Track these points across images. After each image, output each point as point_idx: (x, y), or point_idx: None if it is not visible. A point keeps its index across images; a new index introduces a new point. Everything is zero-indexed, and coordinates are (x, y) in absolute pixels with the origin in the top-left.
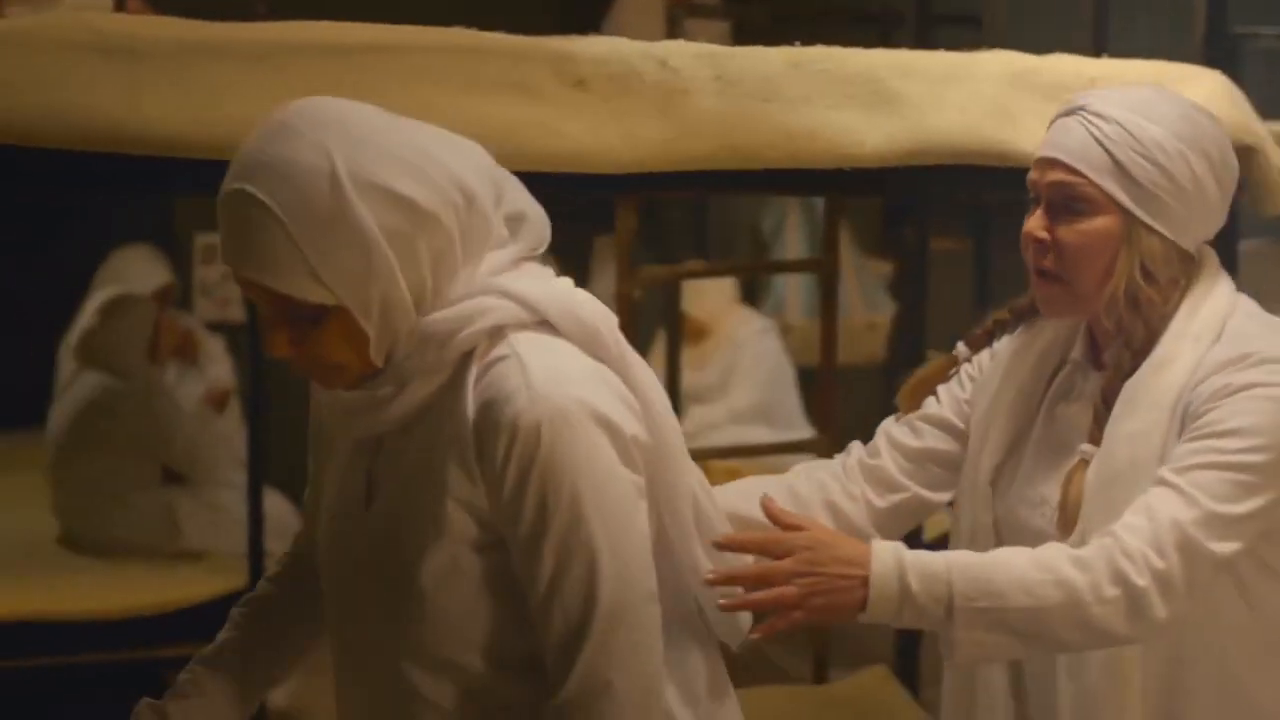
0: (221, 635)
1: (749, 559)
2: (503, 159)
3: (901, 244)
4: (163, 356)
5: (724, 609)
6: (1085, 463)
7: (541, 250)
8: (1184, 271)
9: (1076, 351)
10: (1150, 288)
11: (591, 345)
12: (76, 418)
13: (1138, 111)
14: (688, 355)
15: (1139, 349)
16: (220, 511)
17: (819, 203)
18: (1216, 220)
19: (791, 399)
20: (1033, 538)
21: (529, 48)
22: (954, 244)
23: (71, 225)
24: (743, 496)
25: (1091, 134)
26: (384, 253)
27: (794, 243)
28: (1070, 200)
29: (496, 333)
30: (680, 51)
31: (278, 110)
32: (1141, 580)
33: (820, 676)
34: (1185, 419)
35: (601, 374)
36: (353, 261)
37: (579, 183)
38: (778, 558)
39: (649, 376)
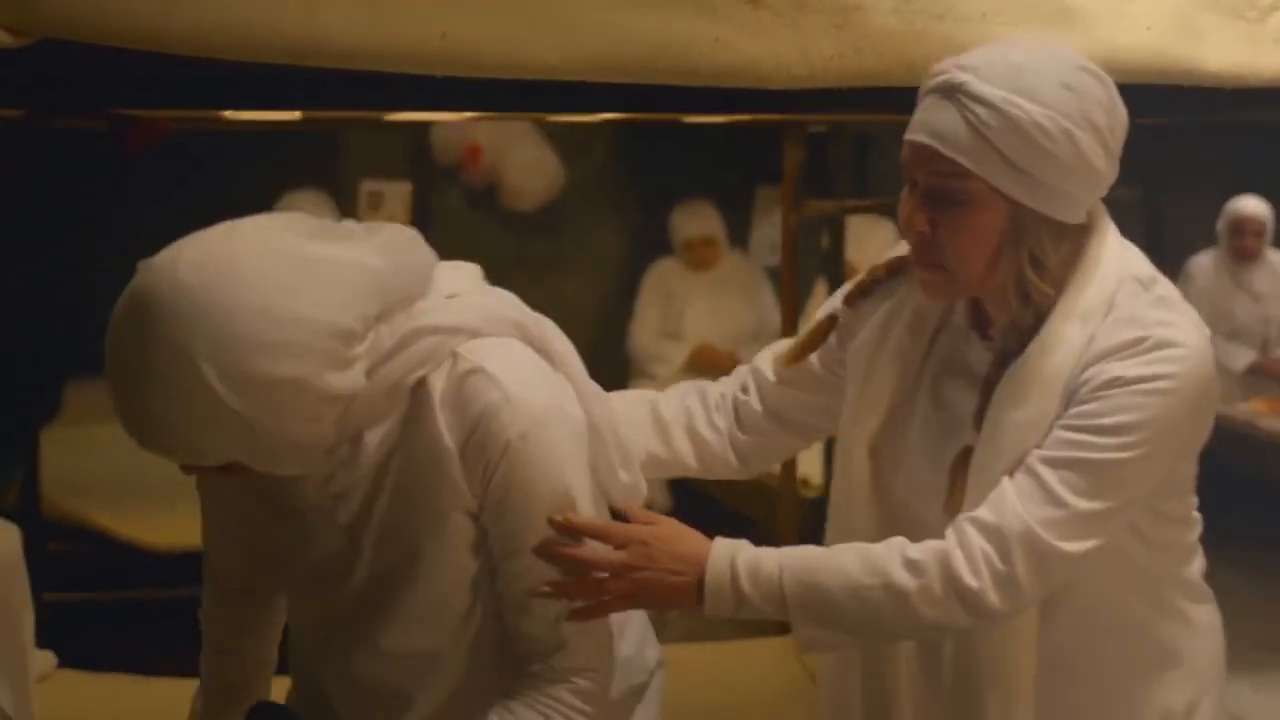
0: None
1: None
2: (678, 74)
3: None
4: None
5: (541, 593)
6: (971, 449)
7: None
8: (1075, 245)
9: (958, 316)
10: (1043, 280)
11: (521, 332)
12: None
13: (1016, 89)
14: None
15: (1027, 331)
16: None
17: None
18: (1106, 184)
19: None
20: (916, 526)
21: None
22: (1123, 191)
23: (240, 169)
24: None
25: (969, 121)
26: (263, 423)
27: None
28: (950, 193)
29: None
30: None
31: (141, 279)
32: (975, 582)
33: None
34: (1071, 402)
35: (543, 364)
36: (234, 437)
37: (752, 98)
38: (615, 546)
39: (564, 338)
